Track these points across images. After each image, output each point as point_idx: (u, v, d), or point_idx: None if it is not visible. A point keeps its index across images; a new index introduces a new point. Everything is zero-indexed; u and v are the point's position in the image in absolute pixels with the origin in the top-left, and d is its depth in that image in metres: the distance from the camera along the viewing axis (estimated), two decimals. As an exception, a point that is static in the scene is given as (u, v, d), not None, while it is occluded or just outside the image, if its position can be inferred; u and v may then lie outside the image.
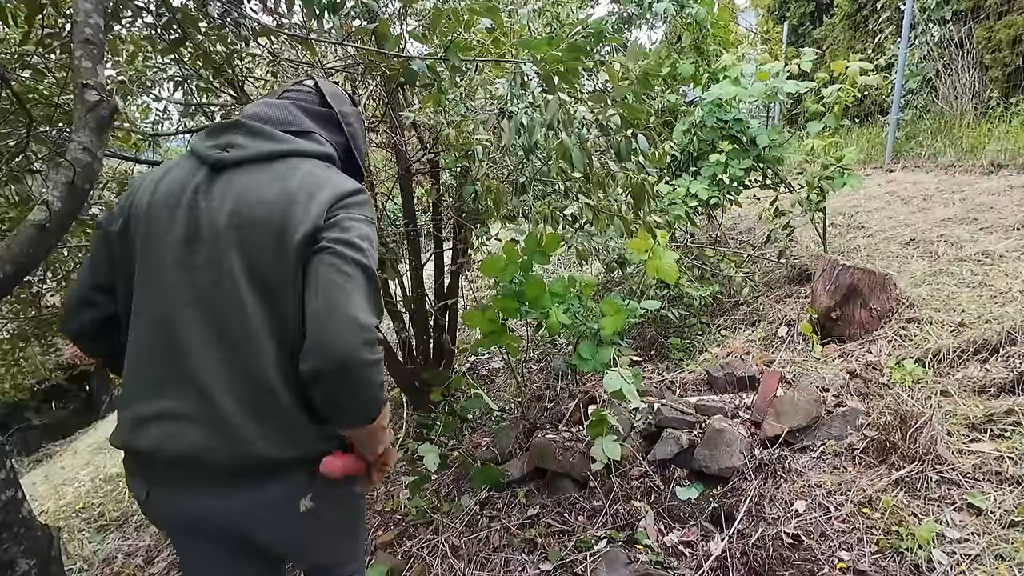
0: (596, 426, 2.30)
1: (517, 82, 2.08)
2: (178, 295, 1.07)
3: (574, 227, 3.00)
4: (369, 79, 2.94)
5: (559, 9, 3.93)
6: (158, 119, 3.34)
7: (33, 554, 1.56)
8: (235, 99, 2.84)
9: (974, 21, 6.17)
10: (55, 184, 1.35)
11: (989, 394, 2.37)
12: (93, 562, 3.10)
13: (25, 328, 3.26)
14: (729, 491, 2.24)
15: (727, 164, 3.84)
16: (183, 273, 1.07)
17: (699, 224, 4.71)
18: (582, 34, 2.84)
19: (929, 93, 6.61)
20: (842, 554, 1.85)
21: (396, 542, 2.50)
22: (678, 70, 4.21)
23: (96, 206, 3.37)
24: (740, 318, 3.86)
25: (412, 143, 3.42)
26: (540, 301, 2.28)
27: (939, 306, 3.04)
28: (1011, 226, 3.72)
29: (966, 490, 1.94)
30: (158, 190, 1.12)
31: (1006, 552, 1.71)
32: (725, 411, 2.56)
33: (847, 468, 2.20)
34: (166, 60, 2.79)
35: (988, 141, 5.53)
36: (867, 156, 6.84)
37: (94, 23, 1.40)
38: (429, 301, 3.61)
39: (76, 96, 1.38)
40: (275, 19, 2.48)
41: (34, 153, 2.50)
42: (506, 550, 2.25)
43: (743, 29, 11.84)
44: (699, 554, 2.04)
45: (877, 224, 4.60)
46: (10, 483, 1.53)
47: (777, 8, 10.55)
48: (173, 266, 1.07)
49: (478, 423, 3.50)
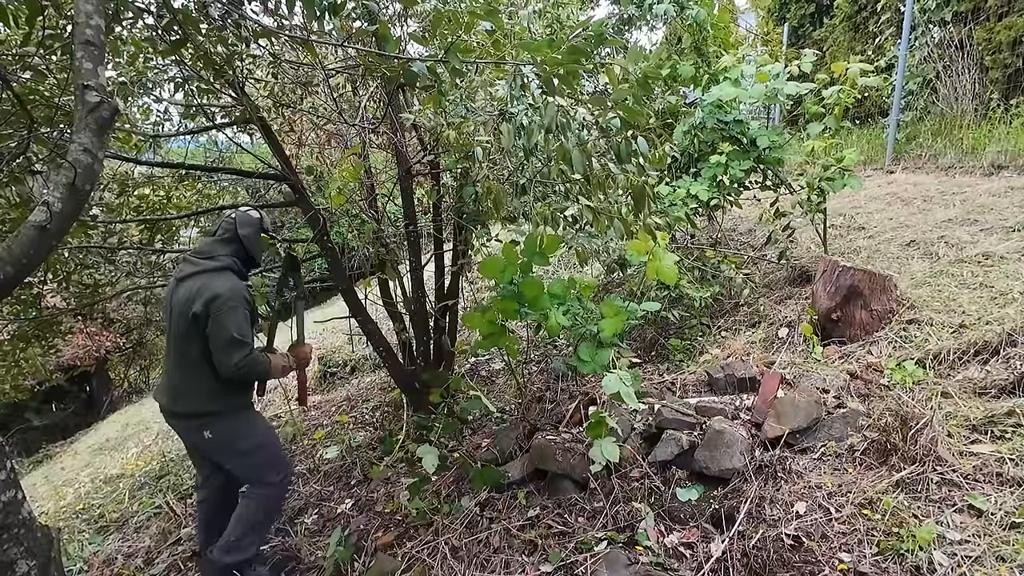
0: (596, 427, 2.30)
1: (517, 84, 2.08)
2: (169, 334, 2.37)
3: (574, 228, 3.00)
4: (369, 81, 2.94)
5: (559, 11, 3.93)
6: (159, 120, 3.35)
7: (33, 555, 1.56)
8: (236, 100, 2.84)
9: (974, 22, 6.17)
10: (56, 185, 1.35)
11: (990, 395, 2.37)
12: (93, 563, 3.10)
13: (26, 329, 3.26)
14: (729, 492, 2.24)
15: (727, 165, 3.84)
16: (168, 326, 2.37)
17: (699, 225, 4.71)
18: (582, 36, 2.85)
19: (929, 94, 6.60)
20: (843, 555, 1.85)
21: (396, 543, 2.50)
22: (678, 71, 4.21)
23: (97, 207, 3.38)
24: (740, 319, 3.86)
25: (412, 145, 3.43)
26: (539, 302, 2.28)
27: (939, 307, 3.04)
28: (1011, 227, 3.72)
29: (967, 491, 1.94)
30: (167, 291, 2.46)
31: (1007, 554, 1.71)
32: (725, 412, 2.56)
33: (848, 469, 2.19)
34: (167, 61, 2.79)
35: (988, 142, 5.53)
36: (867, 157, 6.84)
37: (95, 24, 1.40)
38: (429, 302, 3.61)
39: (77, 97, 1.39)
40: (276, 21, 2.49)
41: (35, 154, 2.51)
42: (506, 551, 2.25)
43: (743, 30, 11.85)
44: (699, 555, 2.04)
45: (877, 225, 4.60)
46: (10, 484, 1.53)
47: (777, 9, 10.56)
48: (168, 323, 2.37)
49: (478, 424, 3.50)
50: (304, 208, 3.01)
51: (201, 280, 2.25)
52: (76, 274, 3.30)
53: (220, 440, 2.36)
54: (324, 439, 3.88)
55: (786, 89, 3.70)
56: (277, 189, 4.70)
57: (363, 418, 4.14)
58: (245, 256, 2.42)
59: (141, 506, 3.66)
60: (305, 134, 3.97)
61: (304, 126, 3.97)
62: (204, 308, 2.19)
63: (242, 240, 2.40)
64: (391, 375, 3.75)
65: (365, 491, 3.08)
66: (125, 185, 3.48)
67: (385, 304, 3.64)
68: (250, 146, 3.89)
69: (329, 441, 3.80)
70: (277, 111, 3.51)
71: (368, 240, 3.27)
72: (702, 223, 4.81)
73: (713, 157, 3.87)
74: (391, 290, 3.68)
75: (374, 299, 3.70)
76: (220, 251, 2.36)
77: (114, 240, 3.40)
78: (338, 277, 3.24)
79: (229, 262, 2.34)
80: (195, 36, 2.25)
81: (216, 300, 2.20)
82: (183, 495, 3.63)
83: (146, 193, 3.55)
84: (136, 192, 3.52)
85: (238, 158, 4.60)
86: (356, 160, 3.21)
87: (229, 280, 2.28)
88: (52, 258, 2.90)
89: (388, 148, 3.45)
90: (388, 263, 3.37)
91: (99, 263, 3.51)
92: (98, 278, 3.58)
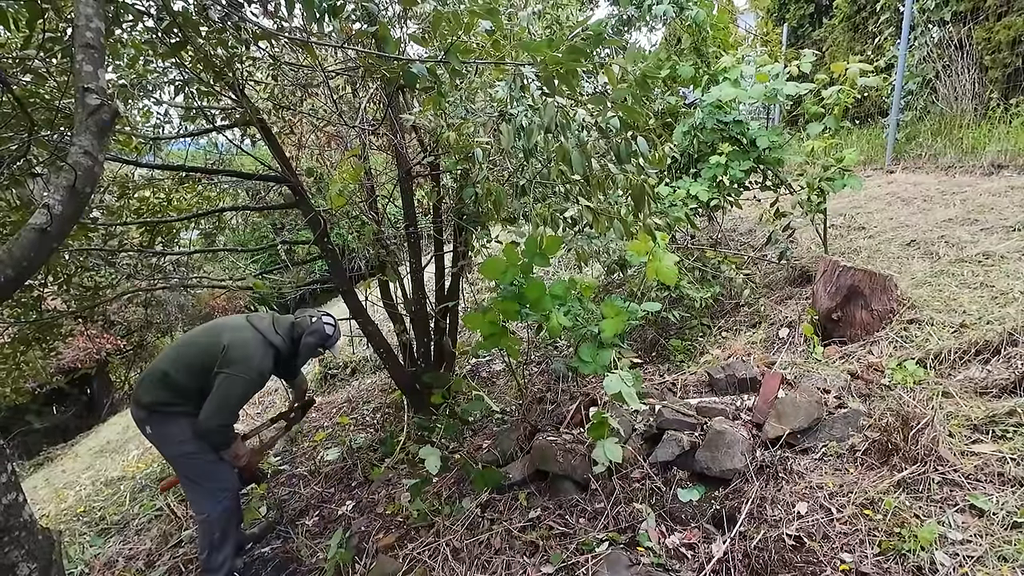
0: (598, 428, 2.30)
1: (517, 85, 2.08)
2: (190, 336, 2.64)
3: (574, 229, 3.00)
4: (369, 82, 2.94)
5: (559, 12, 3.93)
6: (159, 123, 3.35)
7: (34, 558, 1.56)
8: (236, 102, 2.85)
9: (973, 22, 6.17)
10: (56, 188, 1.35)
11: (991, 395, 2.36)
12: (94, 566, 3.10)
13: (26, 332, 3.26)
14: (731, 493, 2.23)
15: (727, 166, 3.84)
16: (195, 332, 2.63)
17: (699, 226, 4.71)
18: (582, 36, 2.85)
19: (929, 94, 6.60)
20: (844, 556, 1.84)
21: (397, 545, 2.50)
22: (678, 72, 4.21)
23: (97, 209, 3.38)
24: (741, 320, 3.86)
25: (412, 146, 3.43)
26: (541, 303, 2.28)
27: (940, 307, 3.03)
28: (1012, 227, 3.72)
29: (968, 491, 1.94)
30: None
31: (1009, 553, 1.70)
32: (726, 413, 2.56)
33: (849, 469, 2.19)
34: (167, 64, 2.80)
35: (988, 142, 5.53)
36: (867, 157, 6.84)
37: (95, 27, 1.40)
38: (430, 303, 3.60)
39: (77, 100, 1.39)
40: (276, 23, 2.49)
41: (35, 157, 2.51)
42: (507, 552, 2.24)
43: (742, 31, 11.85)
44: (701, 556, 2.03)
45: (878, 225, 4.60)
46: (11, 487, 1.53)
47: (776, 10, 10.55)
48: (197, 331, 2.63)
49: (479, 425, 3.49)
50: (304, 210, 3.01)
51: (252, 335, 2.46)
52: (77, 276, 3.29)
53: (160, 442, 2.49)
54: (325, 441, 3.87)
55: (785, 89, 3.70)
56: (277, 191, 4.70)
57: (364, 420, 4.13)
58: (292, 351, 2.61)
59: (142, 509, 3.66)
60: (305, 136, 3.97)
61: (304, 128, 3.97)
62: (234, 358, 2.36)
63: (300, 342, 2.62)
64: (392, 376, 3.74)
65: (366, 493, 3.08)
66: (125, 188, 3.48)
67: (385, 305, 3.64)
68: (250, 148, 3.89)
69: (330, 443, 3.80)
70: (277, 113, 3.51)
71: (368, 241, 3.28)
72: (702, 223, 4.81)
73: (713, 157, 3.87)
74: (391, 291, 3.68)
75: (375, 300, 3.70)
76: (282, 332, 2.58)
77: (114, 243, 3.39)
78: (338, 279, 3.24)
79: (280, 345, 2.55)
80: (195, 38, 2.25)
81: (247, 363, 2.38)
82: (184, 498, 3.63)
83: (146, 195, 3.55)
84: (136, 194, 3.52)
85: (238, 160, 4.60)
86: (356, 162, 3.21)
87: (268, 358, 2.48)
88: (53, 260, 2.90)
89: (388, 150, 3.45)
90: (388, 264, 3.37)
91: (99, 265, 3.51)
92: (99, 280, 3.58)
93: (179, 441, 2.42)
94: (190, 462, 2.46)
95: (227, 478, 2.55)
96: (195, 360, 2.41)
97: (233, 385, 2.36)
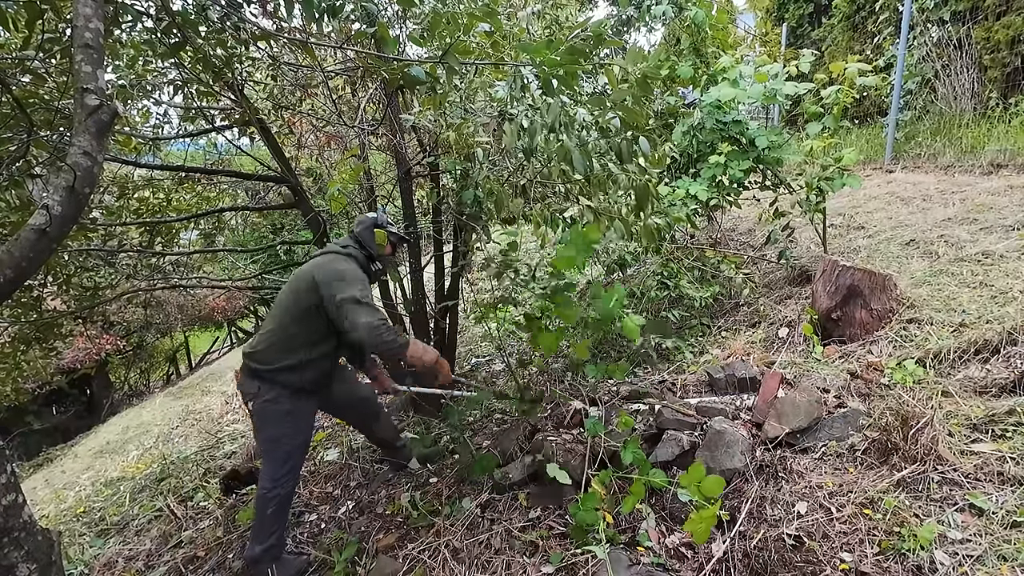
0: (596, 426, 2.30)
1: (517, 85, 2.08)
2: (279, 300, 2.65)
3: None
4: (369, 82, 2.94)
5: (558, 12, 3.93)
6: (158, 123, 3.35)
7: (34, 558, 1.56)
8: (235, 103, 2.85)
9: (972, 22, 6.18)
10: (55, 188, 1.35)
11: (990, 394, 2.37)
12: (94, 566, 3.10)
13: (26, 332, 3.26)
14: (730, 493, 2.23)
15: (727, 165, 3.84)
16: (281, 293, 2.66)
17: (699, 225, 4.72)
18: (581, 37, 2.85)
19: (928, 94, 6.60)
20: (844, 555, 1.84)
21: (397, 545, 2.50)
22: (677, 72, 4.21)
23: (96, 210, 3.38)
24: (741, 319, 3.86)
25: (412, 146, 3.43)
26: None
27: (939, 306, 3.04)
28: (1011, 226, 3.72)
29: (968, 491, 1.94)
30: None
31: (1008, 553, 1.70)
32: (726, 412, 2.56)
33: (848, 469, 2.19)
34: (166, 64, 2.79)
35: (987, 141, 5.54)
36: (866, 157, 6.84)
37: (94, 28, 1.40)
38: (430, 303, 3.61)
39: (76, 100, 1.39)
40: (275, 23, 2.49)
41: (35, 157, 2.51)
42: (507, 552, 2.24)
43: (741, 31, 11.85)
44: (701, 556, 2.03)
45: (877, 225, 4.60)
46: (11, 487, 1.53)
47: (775, 10, 10.55)
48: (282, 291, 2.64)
49: (479, 425, 3.49)
50: (304, 210, 3.01)
51: (330, 258, 2.53)
52: (76, 277, 3.29)
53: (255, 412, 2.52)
54: (324, 441, 3.87)
55: (785, 89, 3.71)
56: (277, 191, 4.70)
57: (364, 420, 4.13)
58: (362, 249, 2.68)
59: (142, 509, 3.65)
60: (304, 136, 3.97)
61: (303, 128, 3.98)
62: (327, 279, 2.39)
63: (358, 236, 2.68)
64: (392, 376, 3.74)
65: (366, 493, 3.07)
66: (125, 188, 3.48)
67: (385, 305, 3.64)
68: (249, 148, 3.89)
69: (329, 443, 3.80)
70: (276, 113, 3.51)
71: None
72: (702, 223, 4.81)
73: (712, 157, 3.88)
74: (391, 291, 3.68)
75: (374, 300, 3.70)
76: (347, 242, 2.67)
77: (114, 243, 3.39)
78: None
79: (354, 252, 2.62)
80: (194, 39, 2.25)
81: (340, 273, 2.42)
82: (184, 498, 3.63)
83: (146, 196, 3.55)
84: (136, 195, 3.53)
85: (238, 160, 4.60)
86: (356, 162, 3.21)
87: (352, 263, 2.55)
88: (52, 261, 2.90)
89: (387, 150, 3.45)
90: (388, 264, 3.37)
91: (99, 266, 3.51)
92: (98, 281, 3.58)
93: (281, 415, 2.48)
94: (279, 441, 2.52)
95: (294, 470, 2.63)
96: (302, 302, 2.43)
97: (343, 273, 2.40)
